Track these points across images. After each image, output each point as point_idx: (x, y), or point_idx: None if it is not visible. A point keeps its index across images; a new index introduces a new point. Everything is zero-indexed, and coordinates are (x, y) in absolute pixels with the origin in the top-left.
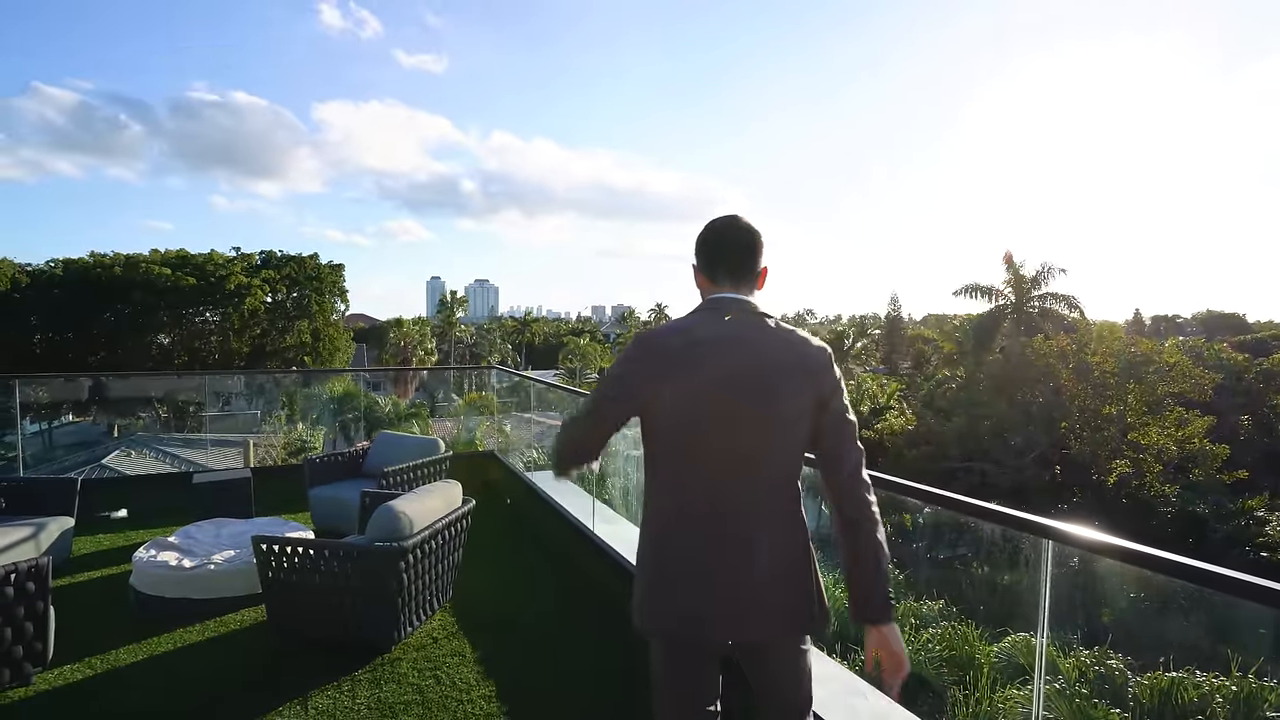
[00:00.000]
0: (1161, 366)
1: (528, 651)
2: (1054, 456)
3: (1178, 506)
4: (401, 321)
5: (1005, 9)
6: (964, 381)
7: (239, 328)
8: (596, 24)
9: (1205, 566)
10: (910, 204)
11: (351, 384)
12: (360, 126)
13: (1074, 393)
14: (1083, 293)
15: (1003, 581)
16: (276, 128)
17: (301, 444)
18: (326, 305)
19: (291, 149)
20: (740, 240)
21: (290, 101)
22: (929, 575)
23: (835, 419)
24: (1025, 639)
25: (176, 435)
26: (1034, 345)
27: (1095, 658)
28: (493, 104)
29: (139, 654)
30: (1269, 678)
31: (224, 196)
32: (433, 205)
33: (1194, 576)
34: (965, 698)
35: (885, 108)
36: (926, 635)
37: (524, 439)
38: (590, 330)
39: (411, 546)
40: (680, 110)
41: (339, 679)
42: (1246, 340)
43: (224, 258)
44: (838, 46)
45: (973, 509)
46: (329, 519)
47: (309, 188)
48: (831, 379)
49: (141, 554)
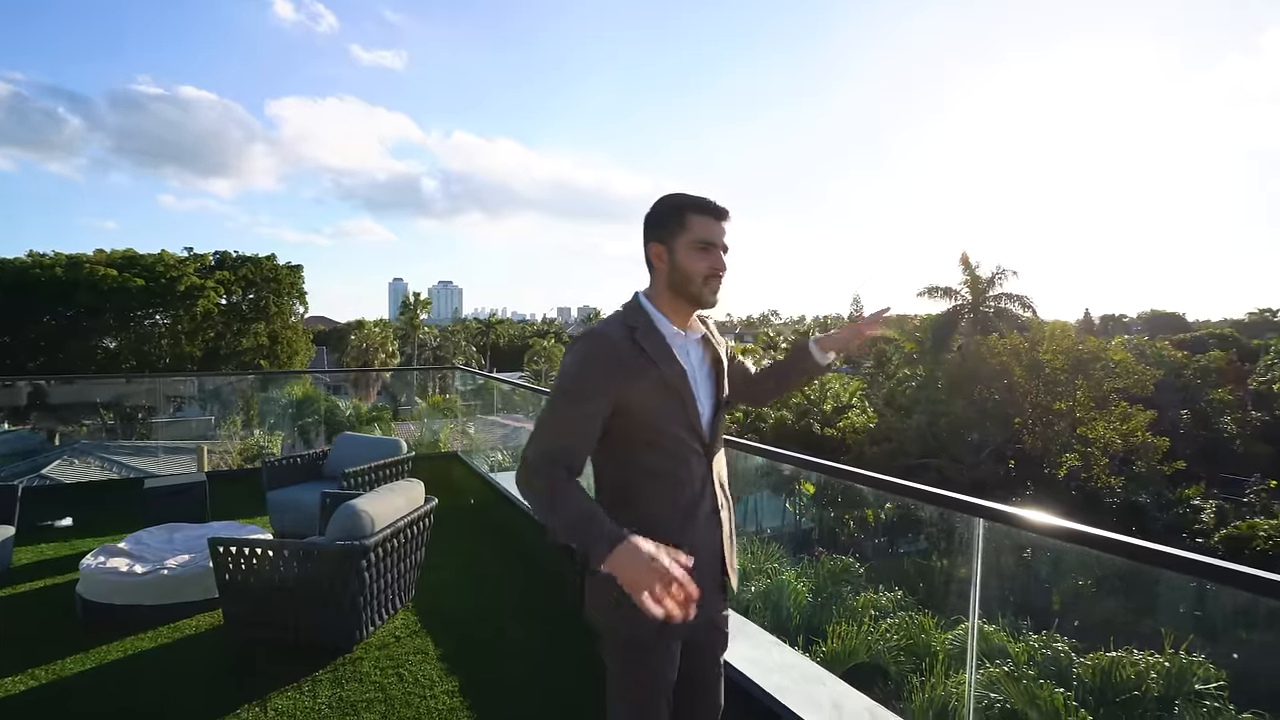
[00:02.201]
0: (1108, 364)
1: (491, 648)
2: (1008, 452)
3: (1123, 497)
4: (363, 324)
5: (965, 19)
6: (923, 380)
7: (191, 331)
8: (559, 23)
9: (1123, 539)
10: (873, 206)
11: (311, 387)
12: (317, 123)
13: (1027, 390)
14: (1036, 293)
15: (960, 574)
16: (228, 124)
17: (258, 449)
18: (285, 307)
19: (245, 146)
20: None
21: (243, 97)
22: (889, 568)
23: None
24: (978, 625)
25: (124, 442)
26: (989, 344)
27: (1043, 641)
28: (455, 102)
29: (87, 663)
30: (1196, 653)
31: (173, 194)
32: (393, 205)
33: (1112, 547)
34: (921, 684)
35: (849, 111)
36: (885, 626)
37: (488, 441)
38: (556, 332)
39: (373, 545)
40: (644, 111)
41: (299, 680)
42: (1186, 339)
43: (175, 258)
44: (803, 51)
45: (910, 491)
46: (288, 522)
47: (263, 186)
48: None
49: (89, 561)
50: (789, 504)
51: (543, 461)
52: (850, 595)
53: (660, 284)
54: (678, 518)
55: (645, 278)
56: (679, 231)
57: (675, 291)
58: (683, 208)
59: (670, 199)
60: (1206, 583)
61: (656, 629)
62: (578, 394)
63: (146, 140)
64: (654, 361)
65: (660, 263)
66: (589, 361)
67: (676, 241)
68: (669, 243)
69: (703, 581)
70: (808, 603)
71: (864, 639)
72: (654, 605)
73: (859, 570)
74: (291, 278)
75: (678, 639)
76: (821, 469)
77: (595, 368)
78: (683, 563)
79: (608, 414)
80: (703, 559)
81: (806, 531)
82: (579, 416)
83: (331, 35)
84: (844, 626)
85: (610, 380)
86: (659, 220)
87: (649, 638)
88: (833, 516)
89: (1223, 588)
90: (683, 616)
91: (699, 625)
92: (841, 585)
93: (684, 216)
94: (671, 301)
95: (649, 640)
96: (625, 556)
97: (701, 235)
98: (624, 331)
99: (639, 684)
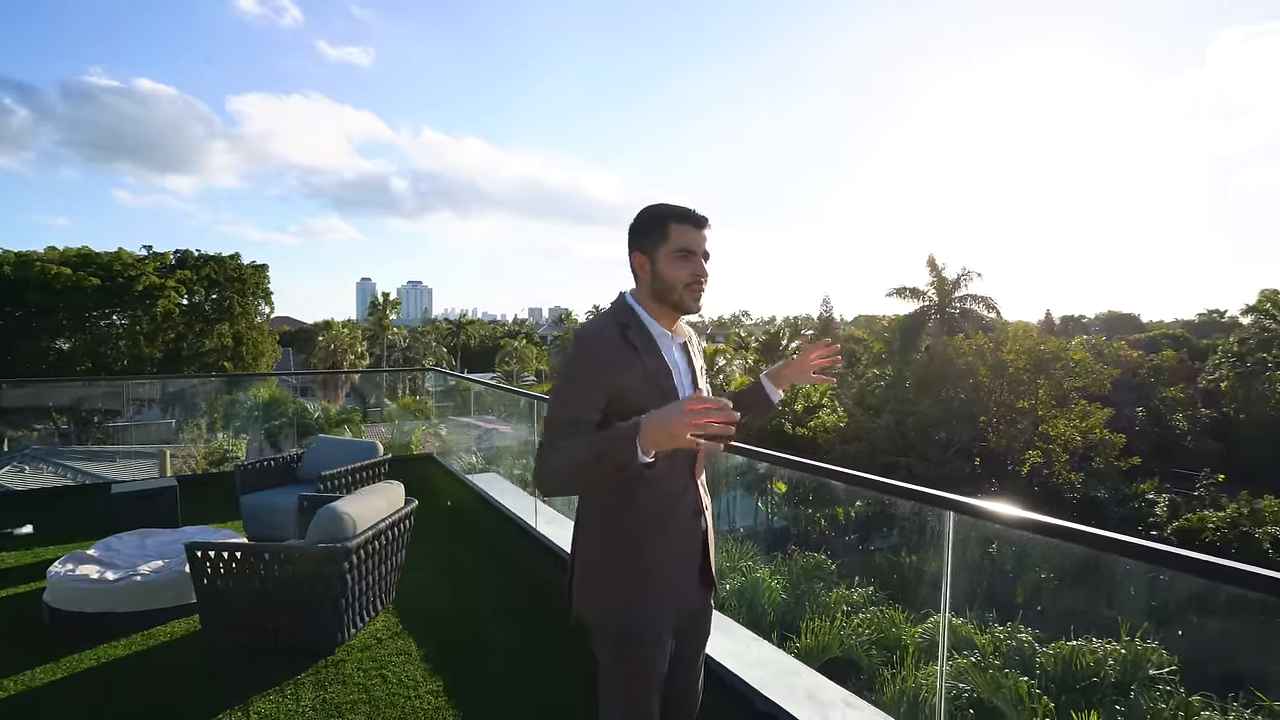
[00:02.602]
0: (1068, 363)
1: (474, 649)
2: (975, 449)
3: (1082, 493)
4: (331, 324)
5: (929, 20)
6: (892, 380)
7: (151, 332)
8: (522, 20)
9: (1081, 528)
10: (842, 207)
11: (277, 389)
12: (282, 120)
13: (991, 389)
14: (999, 294)
15: (930, 570)
16: (188, 118)
17: (223, 453)
18: (250, 308)
19: (206, 142)
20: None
21: (203, 91)
22: (860, 565)
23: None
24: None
25: (79, 447)
26: (955, 344)
27: (1008, 632)
28: (422, 99)
29: (58, 673)
30: (1150, 639)
31: (129, 190)
32: (361, 204)
33: (1073, 536)
34: (893, 676)
35: (819, 112)
36: (858, 620)
37: (461, 443)
38: (527, 332)
39: (355, 547)
40: (614, 112)
41: (281, 683)
42: (1140, 339)
43: (134, 257)
44: (773, 50)
45: (886, 487)
46: (262, 526)
47: (226, 183)
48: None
49: (58, 568)
50: (761, 503)
51: (554, 448)
52: (823, 591)
53: (644, 291)
54: (662, 513)
55: (618, 278)
56: (661, 241)
57: (659, 299)
58: (665, 217)
59: (653, 209)
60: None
61: (646, 622)
62: (578, 388)
63: (99, 134)
64: (641, 357)
65: (644, 272)
66: (585, 357)
67: (659, 251)
68: (651, 252)
69: (686, 574)
70: (782, 600)
71: (837, 634)
72: (703, 436)
73: (831, 567)
74: (256, 277)
75: (668, 630)
76: (804, 468)
77: (591, 362)
78: (692, 398)
79: (604, 406)
80: (686, 553)
81: (779, 530)
82: (580, 410)
83: (296, 30)
84: (817, 622)
85: (606, 372)
86: (642, 230)
87: (639, 631)
88: (804, 515)
89: (1175, 579)
90: (725, 424)
91: (685, 615)
92: (814, 582)
93: (666, 226)
94: (657, 307)
95: (639, 633)
96: (654, 429)
97: (682, 244)
98: (615, 329)
99: (630, 678)
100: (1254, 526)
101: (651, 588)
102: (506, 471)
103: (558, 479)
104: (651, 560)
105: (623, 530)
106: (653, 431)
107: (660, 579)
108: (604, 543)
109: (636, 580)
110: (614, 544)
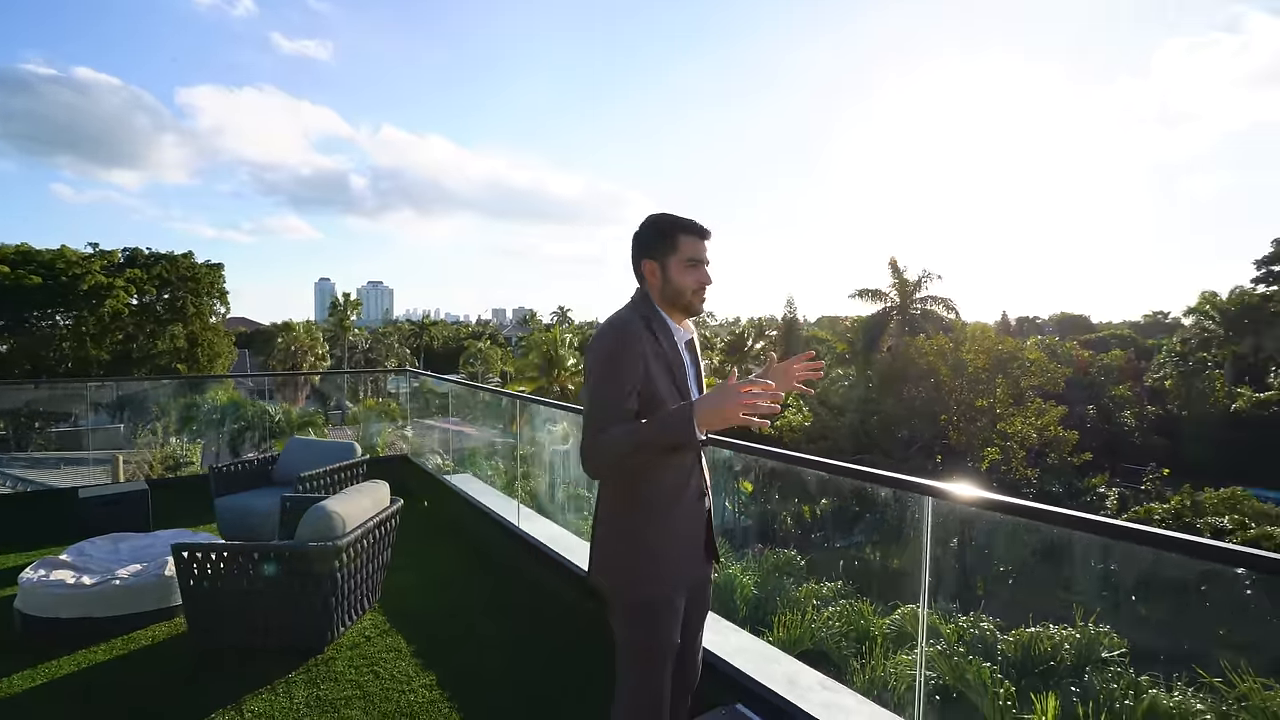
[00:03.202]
0: (1024, 363)
1: (464, 644)
2: (936, 447)
3: (1038, 488)
4: (291, 325)
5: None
6: (855, 380)
7: (98, 333)
8: (489, 19)
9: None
10: (806, 209)
11: (235, 392)
12: (235, 114)
13: (952, 388)
14: (958, 295)
15: (894, 564)
16: (134, 111)
17: (178, 459)
18: (204, 308)
19: (153, 135)
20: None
21: (150, 82)
22: (828, 561)
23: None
24: (911, 609)
25: (20, 454)
26: (917, 345)
27: (971, 621)
28: (383, 96)
29: (37, 679)
30: (1102, 624)
31: (69, 185)
32: (319, 201)
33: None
34: (862, 666)
35: (785, 115)
36: (827, 614)
37: (428, 444)
38: (491, 333)
39: (345, 545)
40: (580, 112)
41: (273, 682)
42: (1091, 338)
43: (78, 255)
44: (741, 53)
45: (866, 475)
46: (239, 528)
47: (175, 179)
48: (587, 360)
49: (29, 574)
50: (729, 502)
51: (601, 434)
52: (793, 586)
53: (654, 295)
54: (671, 494)
55: (582, 278)
56: (670, 251)
57: (669, 302)
58: (675, 229)
59: (661, 220)
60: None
61: (658, 591)
62: (615, 375)
63: (36, 125)
64: (662, 346)
65: (654, 278)
66: (619, 345)
67: (669, 259)
68: (662, 260)
69: (692, 548)
70: (753, 595)
71: (808, 627)
72: (756, 415)
73: (800, 563)
74: (211, 277)
75: (680, 597)
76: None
77: (626, 350)
78: (742, 382)
79: (638, 389)
80: (692, 530)
81: (746, 528)
82: (620, 396)
83: (249, 20)
84: (789, 615)
85: (639, 359)
86: (651, 240)
87: (653, 599)
88: (771, 513)
89: (1125, 568)
90: (773, 402)
91: (693, 585)
92: (784, 577)
93: (675, 237)
94: (667, 308)
95: (653, 602)
96: (709, 412)
97: (691, 254)
98: (640, 321)
99: (647, 649)
100: (1195, 517)
101: (663, 561)
102: (485, 473)
103: (612, 463)
104: (663, 537)
105: (638, 510)
106: (707, 414)
107: (671, 553)
108: (622, 521)
109: (650, 555)
110: (631, 523)
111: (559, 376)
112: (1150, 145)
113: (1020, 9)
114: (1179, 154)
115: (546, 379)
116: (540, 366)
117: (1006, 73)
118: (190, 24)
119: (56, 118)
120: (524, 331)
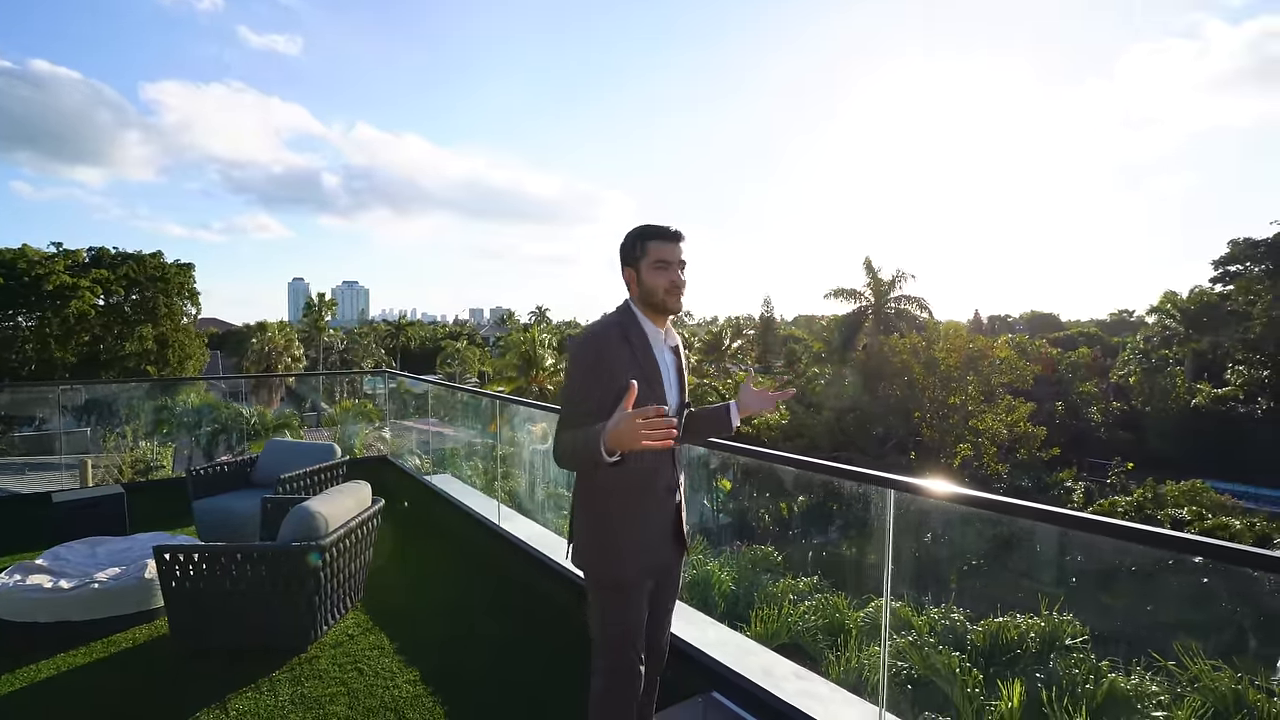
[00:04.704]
0: (995, 361)
1: (446, 641)
2: (910, 443)
3: (1008, 483)
4: (265, 326)
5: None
6: (831, 378)
7: (63, 334)
8: (477, 24)
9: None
10: (781, 209)
11: (208, 394)
12: (202, 111)
13: (925, 385)
14: (931, 295)
15: (869, 559)
16: (96, 106)
17: (148, 464)
18: (175, 309)
19: (117, 131)
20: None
21: (112, 77)
22: (804, 557)
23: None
24: (889, 600)
25: None
26: (891, 343)
27: (942, 613)
28: (357, 94)
29: (16, 683)
30: (1066, 612)
31: (28, 182)
32: (291, 200)
33: (996, 507)
34: (837, 658)
35: (760, 114)
36: (804, 608)
37: (407, 445)
38: (469, 334)
39: (329, 545)
40: (556, 113)
41: (256, 681)
42: (1060, 337)
43: (40, 254)
44: (712, 55)
45: (831, 469)
46: (219, 530)
47: (140, 176)
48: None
49: (4, 579)
50: (707, 500)
51: (561, 434)
52: (770, 582)
53: (635, 300)
54: (638, 487)
55: (559, 277)
56: (642, 256)
57: (647, 304)
58: (643, 236)
59: (635, 230)
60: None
61: (627, 571)
62: (581, 381)
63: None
64: (635, 354)
65: (632, 284)
66: (588, 352)
67: (641, 264)
68: (635, 266)
69: (660, 536)
70: (731, 590)
71: (785, 621)
72: (652, 442)
73: (777, 559)
74: (181, 277)
75: (650, 579)
76: (765, 457)
77: (593, 357)
78: (651, 410)
79: (604, 395)
80: (660, 519)
81: (725, 525)
82: (578, 400)
83: (215, 14)
84: (766, 610)
85: (604, 365)
86: (627, 249)
87: (622, 578)
88: (748, 510)
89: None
90: (666, 432)
91: (660, 568)
92: (761, 573)
93: (645, 243)
94: (647, 311)
95: (622, 580)
96: (614, 435)
97: (659, 257)
98: (616, 330)
99: (618, 628)
100: (1157, 509)
101: (629, 547)
102: (464, 473)
103: (566, 461)
104: (631, 524)
105: (608, 501)
106: (613, 436)
107: (638, 539)
108: (593, 510)
109: (617, 541)
110: (600, 511)
111: (537, 376)
112: (1116, 147)
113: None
114: (1144, 156)
115: (525, 379)
116: (518, 366)
117: (978, 75)
118: (154, 17)
119: (13, 111)
120: (502, 331)
